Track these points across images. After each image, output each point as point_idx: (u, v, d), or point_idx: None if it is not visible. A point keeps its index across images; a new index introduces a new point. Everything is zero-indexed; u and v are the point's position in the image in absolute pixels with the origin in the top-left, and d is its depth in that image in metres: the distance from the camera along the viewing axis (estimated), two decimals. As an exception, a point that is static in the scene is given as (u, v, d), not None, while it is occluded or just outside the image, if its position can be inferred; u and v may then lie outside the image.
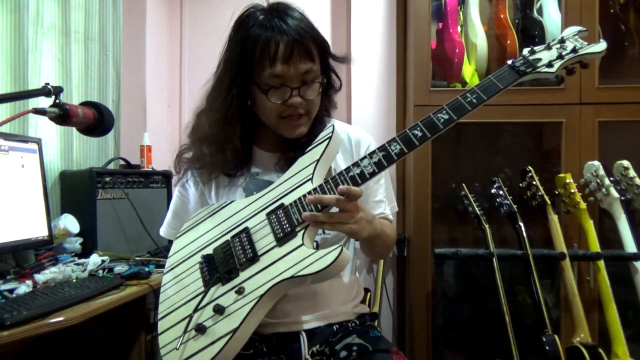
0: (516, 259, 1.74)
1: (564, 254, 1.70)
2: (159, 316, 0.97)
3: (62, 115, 0.90)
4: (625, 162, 1.77)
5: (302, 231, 0.91)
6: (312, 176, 0.96)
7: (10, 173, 1.42)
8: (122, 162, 2.06)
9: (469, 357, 2.10)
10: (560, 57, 0.92)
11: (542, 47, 0.93)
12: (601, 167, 1.78)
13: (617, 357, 1.59)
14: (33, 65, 1.67)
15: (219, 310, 0.89)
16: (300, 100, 1.03)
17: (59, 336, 1.13)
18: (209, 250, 1.00)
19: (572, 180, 1.78)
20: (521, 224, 1.77)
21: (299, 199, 0.94)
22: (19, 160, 1.46)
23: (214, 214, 1.06)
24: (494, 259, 1.73)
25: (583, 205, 1.75)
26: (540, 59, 0.92)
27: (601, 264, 1.70)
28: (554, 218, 1.75)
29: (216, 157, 1.09)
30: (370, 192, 1.13)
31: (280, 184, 1.00)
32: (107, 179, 1.77)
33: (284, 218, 0.94)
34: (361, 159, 0.93)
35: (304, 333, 1.04)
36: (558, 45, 0.93)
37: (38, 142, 1.57)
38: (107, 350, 1.57)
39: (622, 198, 1.74)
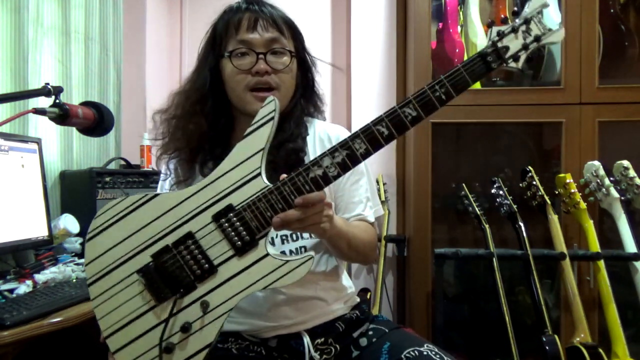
0: (516, 259, 1.74)
1: (564, 254, 1.70)
2: (105, 333, 0.89)
3: (62, 115, 0.90)
4: (625, 162, 1.77)
5: (264, 239, 0.86)
6: (261, 170, 0.87)
7: (10, 173, 1.42)
8: (122, 162, 2.06)
9: (469, 357, 2.10)
10: (524, 47, 0.85)
11: (509, 28, 0.85)
12: (601, 167, 1.78)
13: (617, 357, 1.59)
14: (33, 65, 1.67)
15: (186, 328, 0.85)
16: (267, 67, 1.01)
17: (59, 336, 1.12)
18: (146, 258, 0.88)
19: (572, 180, 1.78)
20: (521, 224, 1.76)
21: (253, 202, 0.86)
22: (19, 160, 1.46)
23: (136, 208, 0.90)
24: (494, 259, 1.73)
25: (583, 205, 1.75)
26: (508, 48, 0.85)
27: (601, 264, 1.70)
28: (554, 218, 1.75)
29: (181, 131, 1.06)
30: (347, 193, 1.09)
31: (220, 177, 0.88)
32: (107, 179, 1.77)
33: (240, 225, 0.86)
34: (321, 157, 0.85)
35: (305, 333, 1.04)
36: (524, 28, 0.85)
37: (38, 142, 1.57)
38: (107, 350, 1.57)
39: (622, 198, 1.74)
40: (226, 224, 0.87)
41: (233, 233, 0.86)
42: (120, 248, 0.89)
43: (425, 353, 0.95)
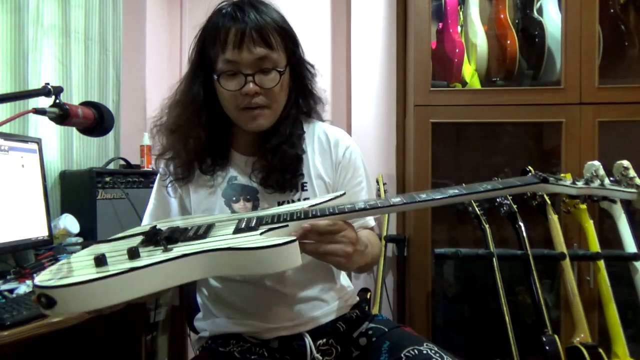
0: (516, 259, 1.74)
1: (564, 254, 1.70)
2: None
3: (62, 115, 0.90)
4: (625, 162, 1.76)
5: (265, 226, 0.83)
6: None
7: (10, 173, 1.42)
8: (122, 162, 2.06)
9: (469, 357, 2.10)
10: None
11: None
12: (601, 167, 1.77)
13: (617, 357, 1.59)
14: (33, 65, 1.67)
15: (133, 253, 0.73)
16: (256, 88, 0.98)
17: (59, 336, 1.12)
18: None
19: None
20: (521, 224, 1.76)
21: (277, 211, 0.89)
22: (19, 160, 1.46)
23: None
24: (494, 259, 1.73)
25: (583, 205, 1.75)
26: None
27: (601, 264, 1.70)
28: (554, 218, 1.75)
29: (180, 145, 1.05)
30: (351, 195, 1.08)
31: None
32: (107, 179, 1.77)
33: (254, 220, 0.87)
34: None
35: (307, 334, 1.04)
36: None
37: (38, 142, 1.57)
38: (107, 350, 1.57)
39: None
40: (243, 220, 0.88)
41: (244, 223, 0.86)
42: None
43: (424, 352, 0.95)
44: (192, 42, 1.08)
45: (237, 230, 0.83)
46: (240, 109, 1.01)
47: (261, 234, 0.81)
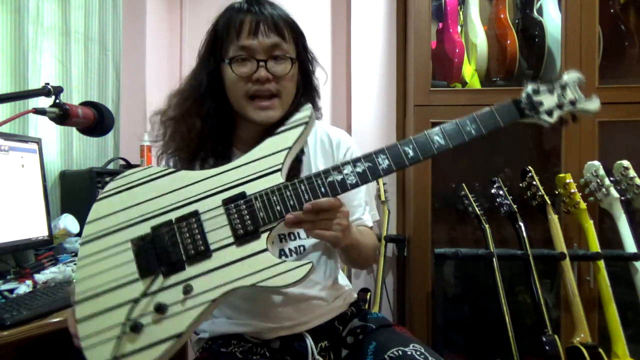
0: (516, 259, 1.74)
1: (564, 254, 1.70)
2: (78, 297, 0.82)
3: (62, 115, 0.90)
4: (625, 162, 1.77)
5: (267, 233, 0.84)
6: (282, 166, 0.87)
7: (10, 173, 1.42)
8: (122, 162, 2.06)
9: (469, 357, 2.10)
10: (559, 106, 0.91)
11: (545, 88, 0.91)
12: (601, 167, 1.78)
13: (617, 357, 1.60)
14: (33, 65, 1.67)
15: (161, 309, 0.79)
16: (267, 74, 0.98)
17: (59, 336, 1.12)
18: (146, 228, 0.85)
19: (572, 180, 1.78)
20: (521, 224, 1.76)
21: (266, 194, 0.85)
22: (19, 160, 1.46)
23: (153, 179, 0.89)
24: (494, 259, 1.73)
25: (583, 205, 1.75)
26: (542, 103, 0.91)
27: (601, 264, 1.70)
28: (554, 218, 1.75)
29: (179, 134, 1.03)
30: (347, 195, 1.06)
31: (242, 165, 0.89)
32: (107, 179, 1.77)
33: (247, 212, 0.84)
34: (343, 164, 0.87)
35: (308, 335, 1.04)
36: (559, 91, 0.92)
37: (38, 142, 1.57)
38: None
39: (622, 198, 1.74)
40: (234, 210, 0.85)
41: (238, 220, 0.85)
42: (124, 214, 0.87)
43: (409, 353, 0.94)
44: (203, 39, 1.08)
45: (238, 239, 0.84)
46: (249, 97, 1.00)
47: (266, 242, 0.83)
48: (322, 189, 0.85)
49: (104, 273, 0.83)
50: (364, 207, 1.12)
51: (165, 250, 0.83)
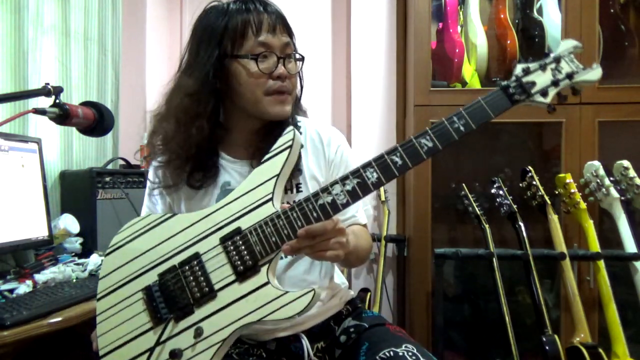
0: (516, 259, 1.74)
1: (564, 254, 1.70)
2: (101, 352, 0.89)
3: (62, 115, 0.90)
4: (625, 162, 1.77)
5: (266, 266, 0.85)
6: (272, 196, 0.87)
7: (10, 173, 1.42)
8: (121, 162, 2.06)
9: (469, 357, 2.10)
10: (554, 83, 0.83)
11: (536, 65, 0.83)
12: (601, 167, 1.78)
13: (617, 357, 1.59)
14: (33, 65, 1.67)
15: (177, 355, 0.82)
16: (286, 72, 1.00)
17: (59, 336, 1.12)
18: (153, 276, 0.89)
19: (572, 180, 1.78)
20: (521, 224, 1.76)
21: (260, 226, 0.86)
22: (19, 160, 1.46)
23: (154, 227, 0.93)
24: (494, 259, 1.73)
25: (583, 205, 1.75)
26: (534, 83, 0.83)
27: (601, 264, 1.70)
28: (554, 218, 1.75)
29: (181, 135, 1.00)
30: None
31: (234, 200, 0.89)
32: (107, 179, 1.77)
33: (244, 248, 0.85)
34: (332, 185, 0.85)
35: (304, 336, 1.04)
36: (553, 66, 0.84)
37: (38, 142, 1.57)
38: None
39: (622, 198, 1.74)
40: (231, 247, 0.86)
41: (237, 257, 0.86)
42: (132, 265, 0.91)
43: (400, 353, 0.93)
44: (191, 36, 1.08)
45: (239, 275, 0.85)
46: (268, 94, 1.00)
47: (267, 274, 0.84)
48: (314, 214, 0.85)
49: (121, 326, 0.88)
50: (357, 205, 1.10)
51: (173, 296, 0.87)
